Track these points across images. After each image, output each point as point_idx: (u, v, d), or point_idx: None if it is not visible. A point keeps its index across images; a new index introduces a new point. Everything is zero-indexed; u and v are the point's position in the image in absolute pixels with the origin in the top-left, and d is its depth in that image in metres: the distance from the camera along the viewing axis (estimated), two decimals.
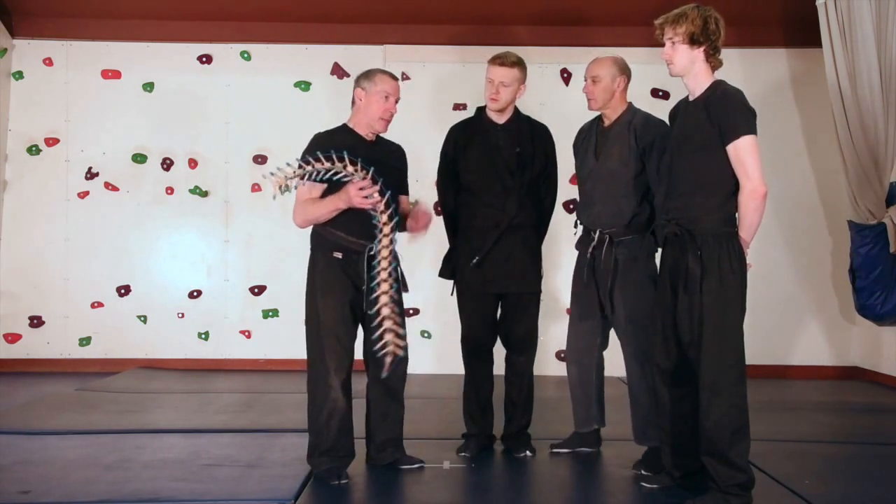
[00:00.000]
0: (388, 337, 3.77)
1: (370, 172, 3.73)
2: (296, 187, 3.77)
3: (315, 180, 3.76)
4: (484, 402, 4.45)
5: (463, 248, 4.41)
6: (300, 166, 3.71)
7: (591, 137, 4.36)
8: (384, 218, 3.78)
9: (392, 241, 3.82)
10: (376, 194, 3.74)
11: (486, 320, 4.41)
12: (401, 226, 4.01)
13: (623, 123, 4.23)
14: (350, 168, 3.71)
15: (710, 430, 3.43)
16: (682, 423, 3.64)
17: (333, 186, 3.83)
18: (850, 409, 5.84)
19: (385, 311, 3.78)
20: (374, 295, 3.78)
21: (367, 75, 4.04)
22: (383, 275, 3.79)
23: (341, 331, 3.91)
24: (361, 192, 3.74)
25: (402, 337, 3.83)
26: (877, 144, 6.16)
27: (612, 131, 4.25)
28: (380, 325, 3.77)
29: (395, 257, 3.88)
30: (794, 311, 7.06)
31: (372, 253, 3.86)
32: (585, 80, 4.30)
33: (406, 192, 4.18)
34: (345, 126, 4.08)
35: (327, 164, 3.70)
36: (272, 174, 3.72)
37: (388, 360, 3.79)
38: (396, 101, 4.04)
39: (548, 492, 3.86)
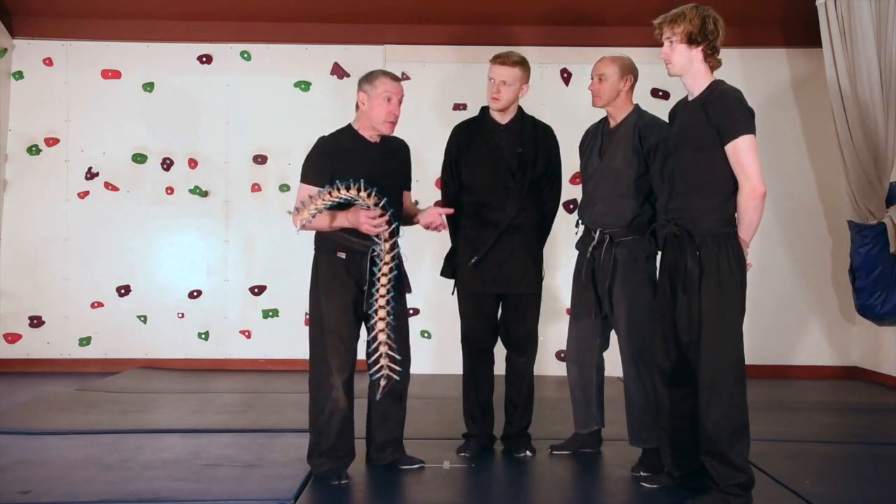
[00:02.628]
0: (384, 361, 3.82)
1: (382, 203, 3.77)
2: (313, 216, 3.79)
3: (330, 208, 3.79)
4: (484, 402, 4.45)
5: (463, 247, 4.41)
6: (319, 196, 3.74)
7: (597, 138, 4.36)
8: (386, 247, 3.83)
9: (391, 270, 3.86)
10: (384, 224, 3.78)
11: (486, 320, 4.42)
12: (404, 222, 4.09)
13: (629, 125, 4.23)
14: (363, 194, 3.75)
15: (709, 430, 3.43)
16: (681, 423, 3.65)
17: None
18: (850, 409, 5.84)
19: (381, 337, 3.82)
20: (372, 322, 3.83)
21: (368, 78, 4.02)
22: (381, 301, 3.83)
23: (344, 331, 3.92)
24: (371, 221, 3.77)
25: (398, 361, 3.85)
26: (877, 144, 6.16)
27: (618, 132, 4.25)
28: (376, 349, 3.81)
29: (398, 256, 3.90)
30: (794, 311, 7.06)
31: (375, 254, 3.87)
32: (592, 78, 4.29)
33: (409, 188, 4.21)
34: (349, 128, 4.07)
35: (343, 193, 3.73)
36: (297, 210, 3.78)
37: (383, 382, 3.85)
38: (400, 102, 4.01)
39: (548, 492, 3.86)
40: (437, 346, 6.82)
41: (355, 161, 3.90)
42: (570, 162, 4.74)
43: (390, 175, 3.97)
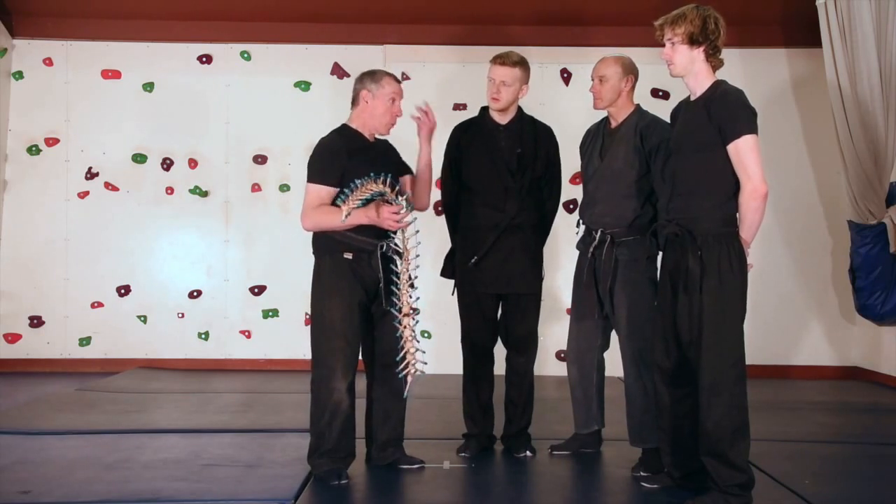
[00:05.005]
0: (410, 358, 3.86)
1: (405, 198, 3.83)
2: (357, 207, 3.82)
3: (364, 202, 3.83)
4: (484, 402, 4.45)
5: (462, 247, 4.42)
6: (357, 188, 3.78)
7: (597, 138, 4.36)
8: (408, 243, 3.87)
9: (410, 266, 3.91)
10: (406, 219, 3.83)
11: (486, 320, 4.42)
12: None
13: (630, 125, 4.22)
14: (388, 189, 3.79)
15: (710, 430, 3.43)
16: (681, 423, 3.65)
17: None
18: (850, 409, 5.84)
19: (407, 334, 3.86)
20: (397, 319, 3.87)
21: (373, 77, 4.02)
22: (404, 298, 3.86)
23: (349, 332, 3.91)
24: (395, 216, 3.80)
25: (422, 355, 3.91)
26: (877, 144, 6.17)
27: (619, 132, 4.25)
28: (402, 346, 3.86)
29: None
30: (794, 311, 7.06)
31: (384, 251, 3.89)
32: (593, 80, 4.29)
33: (410, 171, 4.20)
34: (347, 127, 4.06)
35: (374, 187, 3.79)
36: (341, 202, 3.82)
37: (410, 379, 3.88)
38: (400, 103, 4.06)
39: (548, 492, 3.86)
40: (437, 346, 6.81)
41: (363, 160, 3.90)
42: (570, 162, 4.74)
43: (394, 173, 3.97)
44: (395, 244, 3.91)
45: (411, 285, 3.94)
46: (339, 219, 3.80)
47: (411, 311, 3.89)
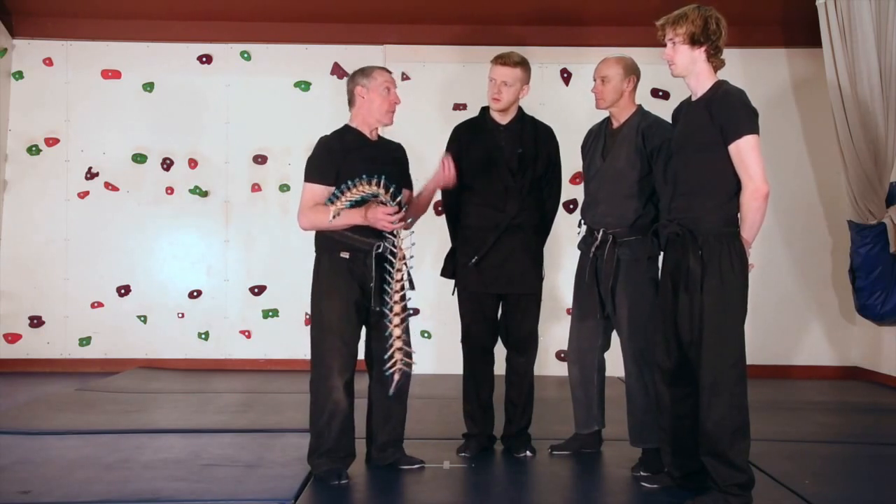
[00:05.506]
0: (398, 356, 3.86)
1: (399, 199, 3.84)
2: (346, 207, 3.83)
3: (356, 202, 3.84)
4: (484, 402, 4.45)
5: (462, 247, 4.42)
6: (349, 189, 3.79)
7: (599, 138, 4.36)
8: (401, 243, 3.88)
9: (405, 265, 3.91)
10: (399, 220, 3.84)
11: (487, 320, 4.42)
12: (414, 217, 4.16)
13: (632, 125, 4.22)
14: (381, 190, 3.80)
15: (710, 430, 3.44)
16: (682, 423, 3.65)
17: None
18: (850, 409, 5.85)
19: (396, 332, 3.86)
20: (388, 318, 3.87)
21: (363, 73, 4.05)
22: (396, 297, 3.87)
23: (346, 332, 3.92)
24: (389, 217, 3.80)
25: (410, 355, 3.91)
26: (877, 144, 6.17)
27: (621, 133, 4.25)
28: (391, 345, 3.87)
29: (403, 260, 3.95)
30: (794, 311, 7.06)
31: (380, 251, 3.88)
32: (595, 80, 4.28)
33: (410, 187, 4.21)
34: (348, 127, 4.08)
35: (367, 188, 3.79)
36: (330, 202, 3.83)
37: (396, 377, 3.89)
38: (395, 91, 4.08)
39: (548, 492, 3.85)
40: (437, 346, 6.82)
41: (361, 159, 3.91)
42: (571, 162, 4.75)
43: (393, 174, 3.98)
44: (392, 245, 3.91)
45: (409, 283, 3.95)
46: (327, 219, 3.83)
47: (401, 311, 3.89)
